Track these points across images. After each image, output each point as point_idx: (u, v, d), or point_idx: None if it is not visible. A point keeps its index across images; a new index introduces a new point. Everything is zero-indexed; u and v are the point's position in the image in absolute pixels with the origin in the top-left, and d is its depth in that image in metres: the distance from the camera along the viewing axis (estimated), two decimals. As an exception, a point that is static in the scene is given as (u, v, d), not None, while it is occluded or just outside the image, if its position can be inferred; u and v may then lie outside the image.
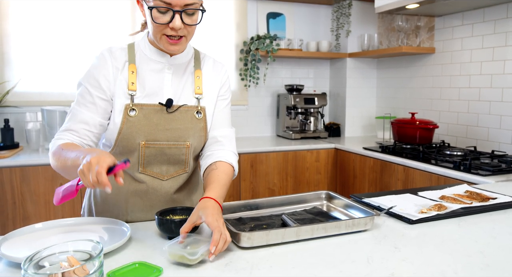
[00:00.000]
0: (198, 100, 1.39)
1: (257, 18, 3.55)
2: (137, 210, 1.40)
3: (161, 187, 1.38)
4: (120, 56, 1.33)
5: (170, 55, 1.36)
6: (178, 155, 1.36)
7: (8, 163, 2.39)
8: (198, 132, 1.37)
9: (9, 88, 2.87)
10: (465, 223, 1.27)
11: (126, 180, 1.35)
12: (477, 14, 2.74)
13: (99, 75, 1.29)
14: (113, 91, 1.30)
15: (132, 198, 1.38)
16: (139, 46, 1.37)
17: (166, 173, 1.37)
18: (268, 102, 3.69)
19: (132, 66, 1.32)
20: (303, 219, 1.26)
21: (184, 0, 1.19)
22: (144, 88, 1.32)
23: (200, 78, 1.41)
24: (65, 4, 2.98)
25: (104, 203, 1.42)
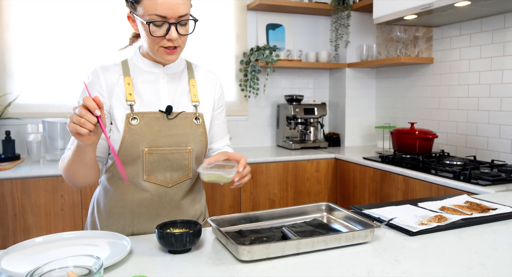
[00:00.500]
0: (196, 107, 1.45)
1: (257, 29, 3.57)
2: (143, 221, 1.41)
3: (166, 195, 1.39)
4: (114, 70, 1.40)
5: (163, 65, 1.42)
6: (181, 160, 1.39)
7: (9, 175, 2.39)
8: (198, 137, 1.42)
9: (11, 100, 2.88)
10: (466, 234, 1.27)
11: (130, 190, 1.38)
12: (475, 24, 2.75)
13: (93, 91, 1.35)
14: (110, 104, 1.35)
15: (137, 208, 1.39)
16: (132, 60, 1.44)
17: (170, 180, 1.39)
18: (268, 112, 3.69)
19: (128, 78, 1.37)
20: (303, 231, 1.25)
21: (177, 12, 1.25)
22: (142, 99, 1.37)
23: (195, 86, 1.47)
24: (66, 16, 3.00)
25: (109, 216, 1.42)
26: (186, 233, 1.09)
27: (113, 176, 1.41)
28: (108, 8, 3.09)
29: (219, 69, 3.45)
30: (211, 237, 1.25)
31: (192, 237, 1.11)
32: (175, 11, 1.25)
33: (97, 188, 1.52)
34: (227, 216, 1.32)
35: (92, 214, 1.50)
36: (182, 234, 1.09)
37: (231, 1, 3.46)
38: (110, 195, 1.42)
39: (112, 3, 3.10)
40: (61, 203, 2.49)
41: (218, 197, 2.85)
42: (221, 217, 1.31)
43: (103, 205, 1.44)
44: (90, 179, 1.32)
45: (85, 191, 2.53)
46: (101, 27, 3.09)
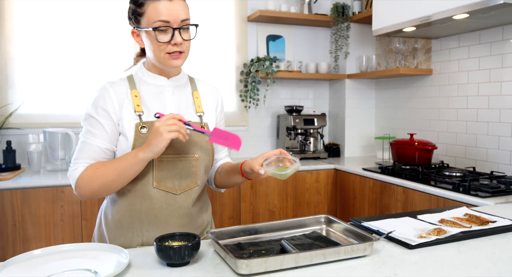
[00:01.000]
0: (201, 117, 1.51)
1: (257, 40, 3.59)
2: (152, 229, 1.42)
3: (174, 202, 1.42)
4: (121, 85, 1.44)
5: (167, 77, 1.48)
6: (189, 167, 1.43)
7: (9, 185, 2.39)
8: (204, 145, 1.47)
9: (12, 110, 2.89)
10: (465, 247, 1.26)
11: (139, 199, 1.41)
12: (473, 36, 2.76)
13: (104, 104, 1.39)
14: (120, 116, 1.40)
15: (146, 217, 1.41)
16: (137, 75, 1.49)
17: (178, 187, 1.42)
18: (268, 122, 3.69)
19: (135, 91, 1.43)
20: (302, 244, 1.25)
21: (179, 17, 1.35)
22: (149, 110, 1.43)
23: (198, 98, 1.54)
24: (67, 28, 3.02)
25: (118, 227, 1.44)
26: (184, 246, 1.09)
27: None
28: (107, 19, 3.11)
29: (219, 80, 3.46)
30: (210, 249, 1.24)
31: (190, 250, 1.10)
32: (177, 16, 1.34)
33: (104, 201, 1.54)
34: (226, 229, 1.31)
35: (99, 227, 1.51)
36: (180, 247, 1.09)
37: (232, 13, 3.48)
38: (118, 206, 1.44)
39: (110, 15, 3.12)
40: (61, 214, 2.48)
41: (218, 208, 2.84)
42: (220, 229, 1.30)
43: (111, 216, 1.45)
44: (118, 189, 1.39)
45: (84, 202, 2.52)
46: (101, 38, 3.11)
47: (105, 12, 3.10)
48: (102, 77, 3.10)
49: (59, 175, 2.63)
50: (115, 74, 3.12)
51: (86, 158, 1.38)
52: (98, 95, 1.42)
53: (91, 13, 3.07)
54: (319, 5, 3.77)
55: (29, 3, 2.92)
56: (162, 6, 1.33)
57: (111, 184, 1.34)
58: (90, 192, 1.36)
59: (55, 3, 2.97)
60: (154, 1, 1.34)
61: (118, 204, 1.43)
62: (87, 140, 1.39)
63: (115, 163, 1.33)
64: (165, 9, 1.33)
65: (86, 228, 2.54)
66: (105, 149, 1.39)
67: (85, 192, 1.37)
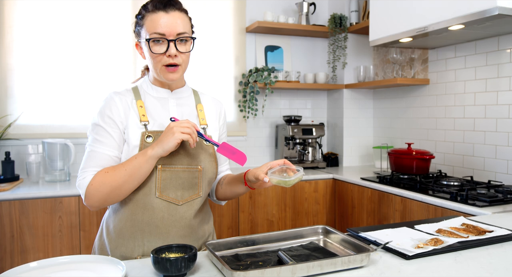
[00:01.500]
0: (204, 129, 1.53)
1: (256, 51, 3.60)
2: (153, 240, 1.42)
3: (176, 212, 1.42)
4: (127, 95, 1.47)
5: (171, 90, 1.50)
6: (192, 179, 1.44)
7: (8, 196, 2.38)
8: (208, 157, 1.48)
9: (11, 121, 2.89)
10: (462, 257, 1.25)
11: (141, 209, 1.41)
12: (469, 47, 2.77)
13: (111, 112, 1.41)
14: (126, 124, 1.41)
15: (148, 227, 1.41)
16: (142, 86, 1.51)
17: (181, 197, 1.42)
18: (267, 132, 3.70)
19: (140, 102, 1.45)
20: (299, 255, 1.24)
21: (175, 30, 1.36)
22: (155, 120, 1.45)
23: (202, 111, 1.55)
24: (66, 40, 3.03)
25: (119, 237, 1.43)
26: (181, 258, 1.08)
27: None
28: (105, 31, 3.13)
29: (218, 90, 3.47)
30: (207, 261, 1.24)
31: (187, 262, 1.09)
32: (173, 29, 1.36)
33: (106, 211, 1.54)
34: (223, 240, 1.31)
35: (100, 237, 1.51)
36: (177, 259, 1.08)
37: (230, 24, 3.50)
38: (120, 216, 1.44)
39: (109, 27, 3.13)
40: (59, 224, 2.47)
41: (217, 218, 2.84)
42: (217, 241, 1.30)
43: (113, 226, 1.45)
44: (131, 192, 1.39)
45: (83, 213, 2.51)
46: (99, 50, 3.12)
47: (103, 23, 3.12)
48: (100, 88, 3.11)
49: (58, 186, 2.63)
50: (114, 85, 3.13)
51: (94, 166, 1.38)
52: (104, 104, 1.43)
53: (90, 25, 3.09)
54: (317, 16, 3.80)
55: (28, 15, 2.93)
56: (159, 18, 1.36)
57: (122, 186, 1.33)
58: (100, 199, 1.35)
59: (54, 15, 2.99)
60: (151, 13, 1.37)
61: (120, 213, 1.44)
62: (95, 149, 1.39)
63: (124, 164, 1.34)
64: (161, 21, 1.36)
65: (84, 238, 2.53)
66: (114, 157, 1.40)
67: (95, 200, 1.35)
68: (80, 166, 1.40)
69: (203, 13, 3.40)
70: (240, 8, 3.52)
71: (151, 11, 1.38)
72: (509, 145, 2.53)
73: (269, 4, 3.65)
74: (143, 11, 1.40)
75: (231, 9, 3.50)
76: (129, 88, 1.50)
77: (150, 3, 1.40)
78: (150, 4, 1.39)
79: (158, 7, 1.37)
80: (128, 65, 3.16)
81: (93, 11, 3.09)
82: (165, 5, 1.38)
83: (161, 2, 1.38)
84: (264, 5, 3.63)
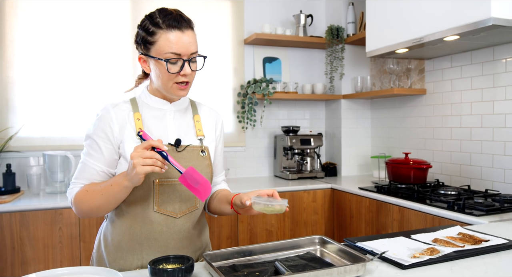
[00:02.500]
0: (201, 140, 1.51)
1: (254, 62, 3.63)
2: (152, 253, 1.42)
3: (174, 225, 1.42)
4: (124, 107, 1.45)
5: (170, 102, 1.50)
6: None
7: (8, 208, 2.38)
8: (204, 168, 1.47)
9: (12, 134, 2.90)
10: (458, 267, 1.25)
11: (139, 223, 1.41)
12: (465, 57, 2.79)
13: (105, 126, 1.40)
14: (121, 138, 1.41)
15: (146, 240, 1.41)
16: (140, 98, 1.51)
17: (179, 210, 1.43)
18: (265, 143, 3.71)
19: (137, 114, 1.44)
20: (296, 265, 1.24)
21: (189, 50, 1.36)
22: (152, 134, 1.43)
23: (199, 122, 1.55)
24: (66, 53, 3.05)
25: (118, 250, 1.43)
26: (178, 269, 1.09)
27: (121, 210, 1.44)
28: (105, 44, 3.15)
29: (217, 101, 3.48)
30: (204, 272, 1.24)
31: (184, 273, 1.10)
32: (188, 49, 1.35)
33: (103, 223, 1.54)
34: (220, 251, 1.31)
35: (98, 249, 1.51)
36: (174, 270, 1.08)
37: (229, 36, 3.53)
38: (118, 229, 1.44)
39: (108, 39, 3.16)
40: (59, 236, 2.47)
41: (216, 228, 2.83)
42: (215, 251, 1.30)
43: (111, 239, 1.45)
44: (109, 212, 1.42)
45: (83, 224, 2.51)
46: (99, 62, 3.14)
47: (102, 36, 3.14)
48: (100, 101, 3.13)
49: (58, 198, 2.63)
50: (113, 97, 3.15)
51: (82, 179, 1.41)
52: (99, 117, 1.43)
53: (89, 38, 3.11)
54: (314, 27, 3.83)
55: (29, 30, 2.96)
56: (174, 37, 1.33)
57: (99, 208, 1.35)
58: (82, 213, 1.39)
59: (54, 29, 3.02)
60: (166, 32, 1.33)
61: (118, 226, 1.44)
62: (86, 162, 1.41)
63: (102, 188, 1.33)
64: (177, 41, 1.33)
65: (84, 250, 2.52)
66: (101, 172, 1.41)
67: (78, 212, 1.40)
68: (74, 174, 1.44)
69: (202, 26, 3.43)
70: (238, 21, 3.55)
71: (165, 29, 1.33)
72: (505, 154, 2.53)
73: (267, 16, 3.68)
74: (154, 27, 1.35)
75: (230, 21, 3.53)
76: (127, 100, 1.49)
77: (161, 19, 1.35)
78: (161, 20, 1.34)
79: (173, 25, 1.33)
80: (127, 77, 3.18)
81: (92, 23, 3.12)
82: (179, 22, 1.34)
83: (175, 19, 1.34)
84: (262, 17, 3.66)
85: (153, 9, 1.43)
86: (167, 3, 3.21)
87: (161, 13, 1.37)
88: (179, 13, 1.38)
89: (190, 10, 3.34)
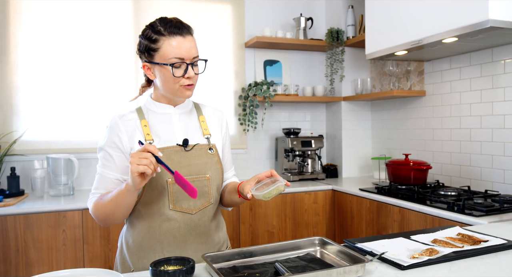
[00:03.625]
0: (208, 139, 1.57)
1: (255, 65, 3.63)
2: (172, 249, 1.47)
3: (191, 221, 1.47)
4: (131, 116, 1.51)
5: (174, 106, 1.55)
6: (201, 187, 1.48)
7: (13, 211, 2.39)
8: (214, 165, 1.53)
9: (16, 138, 2.91)
10: (457, 267, 1.25)
11: (157, 221, 1.46)
12: (464, 59, 2.79)
13: (114, 136, 1.47)
14: (130, 146, 1.46)
15: (166, 238, 1.46)
16: (146, 106, 1.56)
17: (194, 207, 1.47)
18: (267, 145, 3.71)
19: (144, 121, 1.50)
20: (296, 266, 1.24)
21: (192, 54, 1.42)
22: (160, 137, 1.49)
23: (204, 122, 1.60)
24: (69, 59, 3.06)
25: (140, 251, 1.48)
26: (179, 270, 1.09)
27: (139, 212, 1.48)
28: (108, 49, 3.16)
29: (219, 104, 3.49)
30: (205, 273, 1.24)
31: (185, 274, 1.10)
32: (190, 53, 1.41)
33: (123, 227, 1.59)
34: (221, 252, 1.31)
35: (121, 252, 1.56)
36: (175, 271, 1.09)
37: (230, 40, 3.54)
38: (137, 230, 1.49)
39: (112, 45, 3.17)
40: (63, 238, 2.48)
41: (218, 230, 2.83)
42: (216, 253, 1.30)
43: (132, 240, 1.50)
44: (125, 217, 1.45)
45: (86, 226, 2.52)
46: (102, 67, 3.15)
47: (105, 41, 3.15)
48: (103, 105, 3.14)
49: (62, 200, 2.64)
50: (116, 101, 3.16)
51: (100, 189, 1.47)
52: (108, 128, 1.49)
53: (92, 43, 3.12)
54: (314, 30, 3.83)
55: (32, 35, 2.97)
56: (177, 43, 1.40)
57: (113, 214, 1.39)
58: (101, 221, 1.44)
59: (57, 34, 3.03)
60: (169, 38, 1.40)
61: (137, 228, 1.49)
62: (101, 172, 1.47)
63: (112, 195, 1.36)
64: (180, 46, 1.40)
65: (87, 252, 2.53)
66: (115, 180, 1.46)
67: (98, 221, 1.46)
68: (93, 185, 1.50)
69: (204, 30, 3.43)
70: (239, 24, 3.56)
71: (167, 36, 1.39)
72: (505, 155, 2.53)
73: (267, 20, 3.68)
74: (156, 35, 1.40)
75: (231, 25, 3.54)
76: (133, 109, 1.55)
77: (162, 27, 1.40)
78: (162, 29, 1.40)
79: (175, 32, 1.40)
80: (130, 81, 3.19)
81: (95, 29, 3.13)
82: (180, 29, 1.41)
83: (176, 27, 1.40)
84: (263, 21, 3.67)
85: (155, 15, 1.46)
86: (169, 8, 3.22)
87: (162, 21, 1.43)
88: (178, 21, 1.44)
89: (192, 14, 3.35)
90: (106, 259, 2.56)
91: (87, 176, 3.13)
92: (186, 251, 1.47)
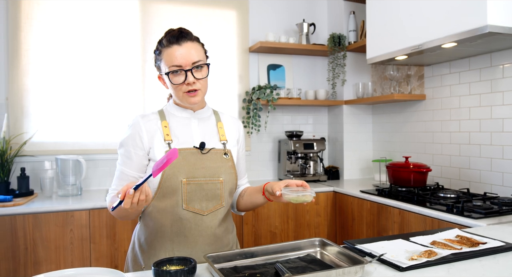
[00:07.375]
0: (224, 144, 1.59)
1: (258, 70, 3.62)
2: (182, 249, 1.47)
3: (202, 222, 1.47)
4: (153, 117, 1.54)
5: (193, 111, 1.58)
6: (214, 190, 1.49)
7: (22, 210, 2.39)
8: (228, 169, 1.54)
9: (27, 139, 2.91)
10: (455, 269, 1.23)
11: (169, 221, 1.47)
12: (463, 63, 2.77)
13: (135, 134, 1.49)
14: (150, 145, 1.49)
15: (176, 237, 1.47)
16: (167, 109, 1.60)
17: (206, 208, 1.48)
18: (270, 147, 3.69)
19: (165, 122, 1.53)
20: (296, 267, 1.23)
21: (190, 60, 1.44)
22: (178, 138, 1.51)
23: (222, 128, 1.62)
24: (78, 62, 3.07)
25: (151, 249, 1.49)
26: (180, 270, 1.08)
27: (152, 210, 1.49)
28: (117, 53, 3.17)
29: (223, 108, 3.48)
30: (207, 273, 1.23)
31: (186, 274, 1.09)
32: (188, 59, 1.43)
33: (137, 225, 1.61)
34: (223, 253, 1.30)
35: (132, 249, 1.58)
36: (177, 271, 1.08)
37: (234, 44, 3.53)
38: (150, 229, 1.50)
39: (121, 49, 3.17)
40: (70, 237, 2.47)
41: (222, 230, 2.82)
42: (217, 253, 1.29)
43: (144, 238, 1.52)
44: (139, 215, 1.52)
45: (93, 225, 2.51)
46: (110, 70, 3.15)
47: (114, 45, 3.16)
48: (111, 108, 3.14)
49: (70, 200, 2.64)
50: (123, 103, 3.16)
51: (117, 185, 1.50)
52: (130, 127, 1.52)
53: (102, 46, 3.13)
54: (317, 35, 3.82)
55: (43, 40, 2.98)
56: (174, 52, 1.43)
57: (127, 214, 1.40)
58: (116, 216, 1.45)
59: (67, 38, 3.04)
60: (167, 48, 1.45)
61: (150, 226, 1.50)
62: (120, 169, 1.51)
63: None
64: (175, 54, 1.43)
65: (94, 251, 2.52)
66: (132, 177, 1.49)
67: (115, 216, 1.46)
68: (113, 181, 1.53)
69: (209, 35, 3.43)
70: (243, 30, 3.55)
71: (166, 46, 1.45)
72: (504, 158, 2.50)
73: (271, 25, 3.68)
74: (160, 47, 1.48)
75: (235, 30, 3.53)
76: (155, 111, 1.58)
77: (164, 38, 1.47)
78: (164, 40, 1.46)
79: (172, 41, 1.44)
80: (137, 84, 3.19)
81: (104, 34, 3.13)
82: (177, 38, 1.44)
83: (173, 36, 1.45)
84: (266, 26, 3.66)
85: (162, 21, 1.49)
86: (175, 15, 3.21)
87: (166, 34, 1.48)
88: (179, 30, 1.47)
89: (198, 20, 3.35)
90: (112, 258, 2.56)
91: (94, 176, 3.13)
92: (196, 252, 1.47)
